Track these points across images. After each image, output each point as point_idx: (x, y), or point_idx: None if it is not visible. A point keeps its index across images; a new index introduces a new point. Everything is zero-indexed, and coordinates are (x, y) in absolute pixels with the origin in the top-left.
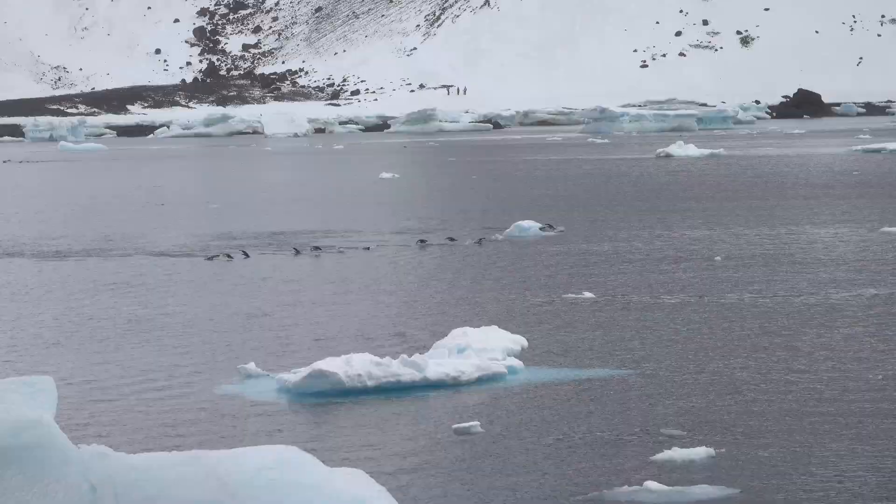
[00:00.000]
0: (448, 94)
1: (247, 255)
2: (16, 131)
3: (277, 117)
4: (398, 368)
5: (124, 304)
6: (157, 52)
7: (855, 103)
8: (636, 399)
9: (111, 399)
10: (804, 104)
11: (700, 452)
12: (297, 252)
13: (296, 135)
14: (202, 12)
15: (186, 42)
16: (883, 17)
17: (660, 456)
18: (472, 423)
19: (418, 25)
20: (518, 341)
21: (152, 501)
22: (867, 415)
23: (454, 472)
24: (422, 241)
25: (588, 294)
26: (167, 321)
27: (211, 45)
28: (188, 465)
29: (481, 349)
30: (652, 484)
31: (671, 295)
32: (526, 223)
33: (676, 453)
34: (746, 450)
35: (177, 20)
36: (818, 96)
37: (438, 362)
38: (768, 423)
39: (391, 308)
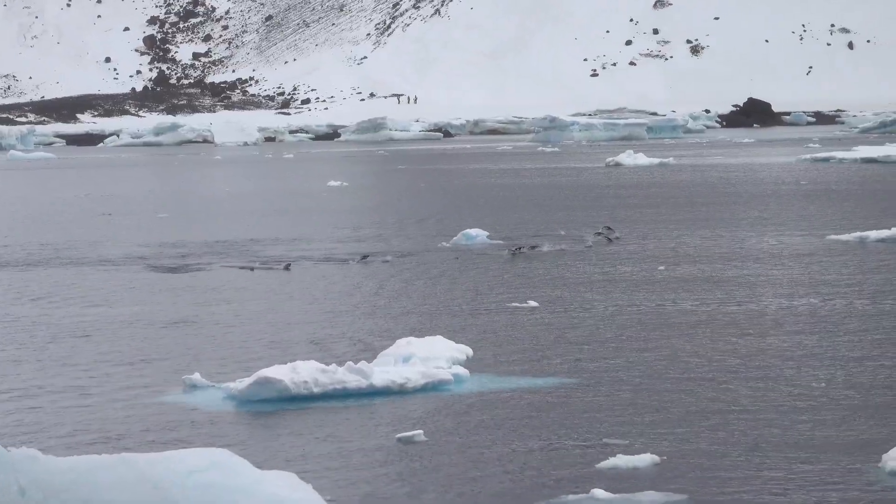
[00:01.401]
0: (398, 102)
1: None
2: None
3: (227, 126)
4: (344, 375)
5: (67, 312)
6: (107, 60)
7: (805, 112)
8: (579, 407)
9: (47, 406)
10: (754, 113)
11: (645, 459)
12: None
13: (246, 143)
14: (152, 21)
15: (136, 51)
16: (832, 26)
17: (605, 464)
18: (415, 432)
19: (369, 34)
20: (463, 350)
21: None
22: (810, 421)
23: (395, 481)
24: (364, 256)
25: (532, 303)
26: (110, 331)
27: (161, 53)
28: (119, 468)
29: (426, 358)
30: (598, 492)
31: (615, 303)
32: (473, 231)
33: (621, 460)
34: (691, 456)
35: (127, 28)
36: (768, 105)
37: (384, 370)
38: (712, 429)
39: (336, 318)
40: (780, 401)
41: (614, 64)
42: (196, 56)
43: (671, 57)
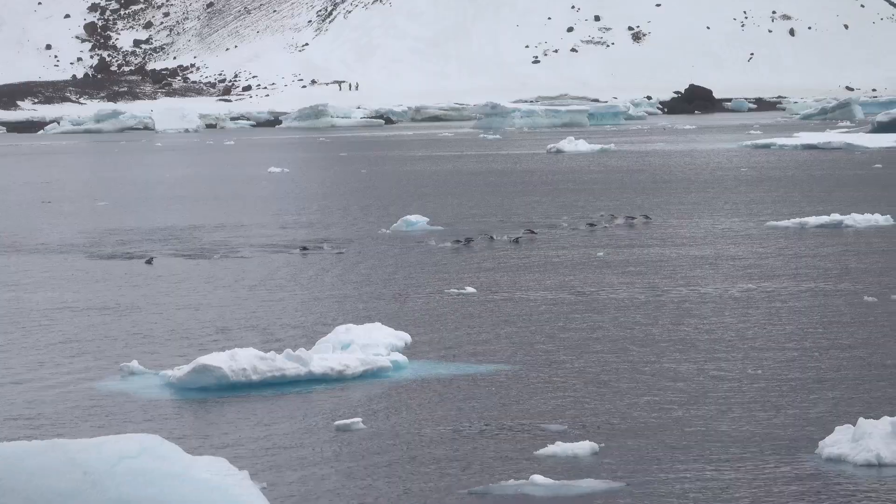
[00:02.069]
0: (340, 89)
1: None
2: None
3: (168, 113)
4: (283, 363)
5: (4, 298)
6: (48, 47)
7: (746, 99)
8: (518, 394)
9: None
10: (695, 99)
11: (584, 447)
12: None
13: (187, 130)
14: (93, 8)
15: (77, 38)
16: (774, 12)
17: (544, 450)
18: (353, 420)
19: (310, 21)
20: (402, 337)
21: (11, 491)
22: (749, 408)
23: (333, 468)
24: (304, 248)
25: (470, 289)
26: (47, 318)
27: (102, 40)
28: (49, 454)
29: (365, 345)
30: (538, 478)
31: (553, 289)
32: (413, 217)
33: (560, 447)
34: (630, 444)
35: (67, 16)
36: (709, 92)
37: (323, 357)
38: (651, 416)
39: (274, 305)
40: (718, 387)
41: (556, 51)
42: (137, 43)
43: (612, 44)
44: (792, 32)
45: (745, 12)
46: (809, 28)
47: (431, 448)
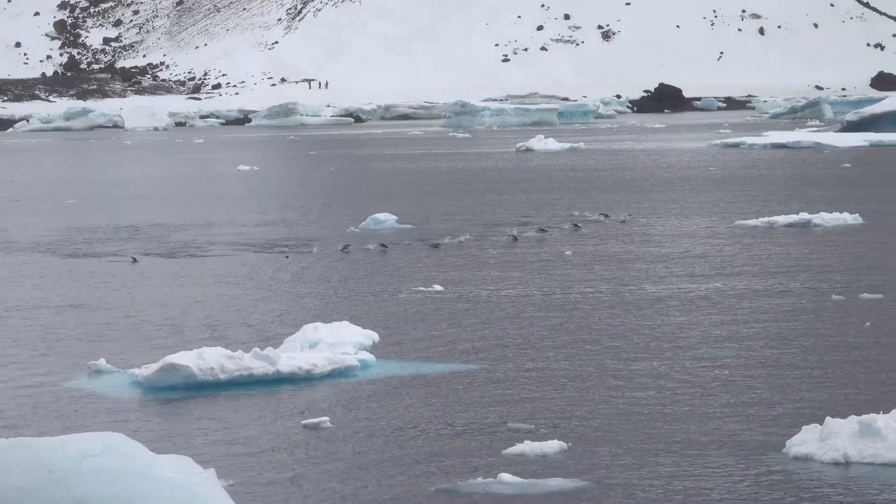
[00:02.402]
0: (310, 87)
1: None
2: None
3: (138, 111)
4: (250, 362)
5: None
6: (17, 45)
7: (715, 98)
8: (486, 392)
9: None
10: (665, 98)
11: (552, 446)
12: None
13: (156, 129)
14: (63, 5)
15: (47, 35)
16: (744, 11)
17: (512, 449)
18: (321, 419)
19: (280, 19)
20: (369, 336)
21: None
22: (716, 407)
23: (300, 467)
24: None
25: (437, 286)
26: (16, 316)
27: (71, 38)
28: (12, 452)
29: (333, 343)
30: (506, 476)
31: (520, 288)
32: (382, 216)
33: (528, 446)
34: (598, 443)
35: (37, 13)
36: (679, 91)
37: (291, 356)
38: (620, 416)
39: (243, 304)
40: (686, 387)
41: (525, 49)
42: (107, 41)
43: (582, 42)
44: (762, 31)
45: (714, 11)
46: (779, 27)
47: (399, 447)
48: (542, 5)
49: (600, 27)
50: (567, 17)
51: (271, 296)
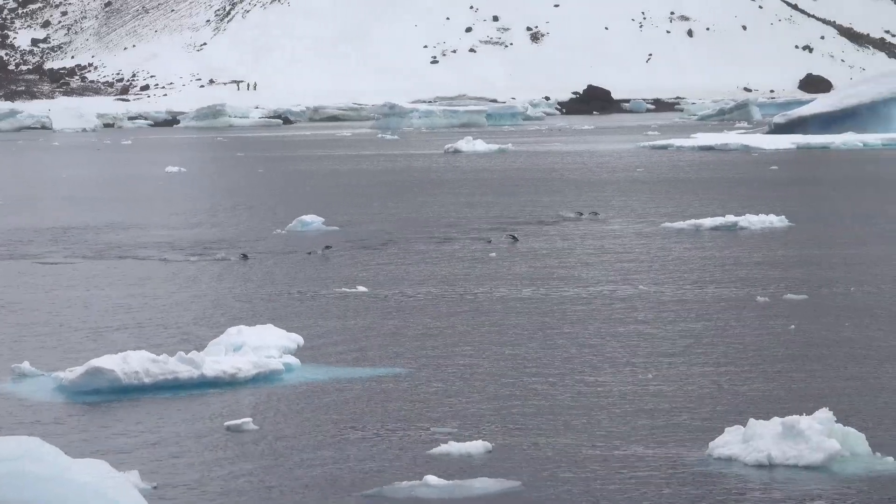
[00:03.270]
0: (238, 89)
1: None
2: None
3: (66, 112)
4: (175, 366)
5: None
6: None
7: (644, 99)
8: (410, 395)
9: None
10: (594, 100)
11: (477, 446)
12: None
13: (84, 130)
14: None
15: None
16: (672, 13)
17: (437, 450)
18: (244, 420)
19: (208, 20)
20: (294, 339)
21: None
22: (640, 409)
23: (223, 469)
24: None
25: (361, 288)
26: None
27: None
28: None
29: (257, 347)
30: (431, 478)
31: (445, 288)
32: (308, 218)
33: (453, 447)
34: (523, 443)
35: None
36: (608, 92)
37: (215, 360)
38: (543, 417)
39: (167, 307)
40: (609, 389)
41: (454, 51)
42: (35, 42)
43: (511, 44)
44: (690, 33)
45: (643, 13)
46: (708, 29)
47: (323, 450)
48: (471, 7)
49: (529, 29)
50: (496, 18)
51: (196, 299)
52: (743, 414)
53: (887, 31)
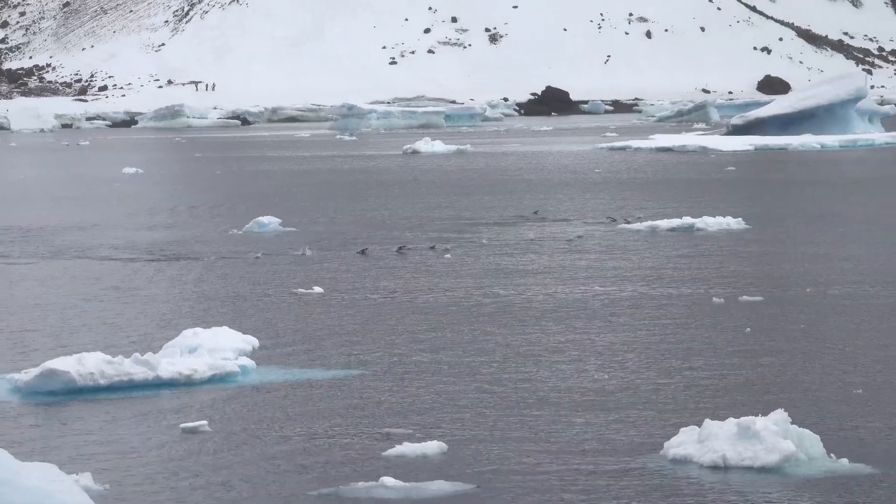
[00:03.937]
0: (196, 90)
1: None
2: None
3: (23, 113)
4: (130, 367)
5: None
6: None
7: (602, 101)
8: (365, 397)
9: None
10: (552, 101)
11: (433, 447)
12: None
13: (42, 130)
14: None
15: None
16: (630, 14)
17: (392, 452)
18: (200, 423)
19: (167, 21)
20: (249, 341)
21: None
22: (595, 411)
23: (177, 471)
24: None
25: (317, 289)
26: None
27: None
28: None
29: (213, 349)
30: (388, 479)
31: (400, 290)
32: (265, 219)
33: (409, 448)
34: (478, 446)
35: None
36: (566, 94)
37: (171, 361)
38: (499, 418)
39: (122, 308)
40: (565, 390)
41: (413, 52)
42: None
43: (470, 45)
44: (649, 34)
45: (601, 14)
46: (666, 30)
47: (279, 451)
48: (430, 8)
49: (487, 30)
50: (454, 19)
51: (151, 300)
52: (698, 414)
53: (845, 34)
